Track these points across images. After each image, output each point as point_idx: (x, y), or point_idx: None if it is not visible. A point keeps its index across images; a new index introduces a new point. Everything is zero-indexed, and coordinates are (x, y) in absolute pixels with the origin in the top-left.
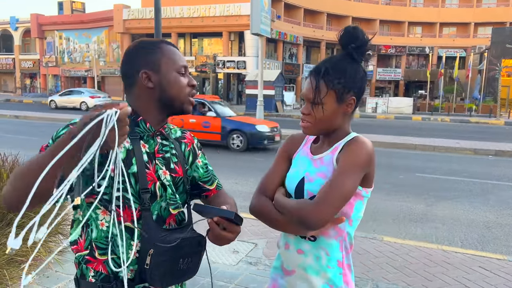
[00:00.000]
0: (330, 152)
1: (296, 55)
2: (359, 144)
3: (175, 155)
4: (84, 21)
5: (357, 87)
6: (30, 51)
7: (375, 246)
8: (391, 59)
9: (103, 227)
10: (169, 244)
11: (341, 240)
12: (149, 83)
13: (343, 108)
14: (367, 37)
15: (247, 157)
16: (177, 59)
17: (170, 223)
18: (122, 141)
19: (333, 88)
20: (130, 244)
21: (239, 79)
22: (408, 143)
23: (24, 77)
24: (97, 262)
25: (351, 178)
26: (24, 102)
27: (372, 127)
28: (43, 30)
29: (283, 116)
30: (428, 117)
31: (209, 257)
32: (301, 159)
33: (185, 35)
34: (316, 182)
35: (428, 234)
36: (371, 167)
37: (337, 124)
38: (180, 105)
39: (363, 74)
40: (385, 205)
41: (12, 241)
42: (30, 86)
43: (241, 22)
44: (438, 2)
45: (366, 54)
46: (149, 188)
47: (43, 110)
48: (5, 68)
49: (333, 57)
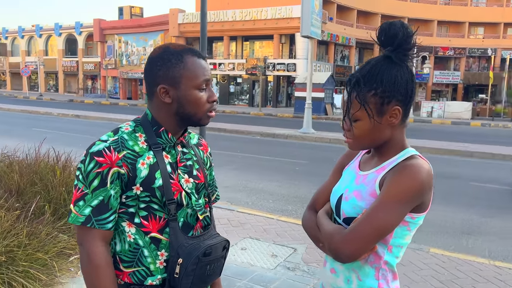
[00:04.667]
0: (376, 171)
1: (348, 57)
2: (412, 170)
3: (197, 161)
4: (142, 25)
5: (401, 94)
6: (92, 54)
7: (420, 257)
8: (449, 61)
9: (130, 239)
10: (198, 253)
11: (377, 267)
12: (166, 97)
13: (386, 120)
14: (410, 31)
15: None
16: (199, 74)
17: (197, 229)
18: None
19: (367, 101)
20: (157, 254)
21: (289, 81)
22: (463, 150)
23: (86, 79)
24: (123, 274)
25: (391, 213)
26: (85, 102)
27: (424, 132)
28: (104, 34)
29: (332, 119)
30: (489, 123)
31: (248, 259)
32: (349, 173)
33: (237, 38)
34: (350, 201)
35: (480, 248)
36: (425, 196)
37: (384, 138)
38: (198, 120)
39: (409, 77)
40: (434, 215)
41: None
42: (91, 87)
43: (292, 25)
44: (502, 1)
45: (409, 53)
46: (175, 198)
47: (102, 110)
48: (69, 70)
49: (369, 62)
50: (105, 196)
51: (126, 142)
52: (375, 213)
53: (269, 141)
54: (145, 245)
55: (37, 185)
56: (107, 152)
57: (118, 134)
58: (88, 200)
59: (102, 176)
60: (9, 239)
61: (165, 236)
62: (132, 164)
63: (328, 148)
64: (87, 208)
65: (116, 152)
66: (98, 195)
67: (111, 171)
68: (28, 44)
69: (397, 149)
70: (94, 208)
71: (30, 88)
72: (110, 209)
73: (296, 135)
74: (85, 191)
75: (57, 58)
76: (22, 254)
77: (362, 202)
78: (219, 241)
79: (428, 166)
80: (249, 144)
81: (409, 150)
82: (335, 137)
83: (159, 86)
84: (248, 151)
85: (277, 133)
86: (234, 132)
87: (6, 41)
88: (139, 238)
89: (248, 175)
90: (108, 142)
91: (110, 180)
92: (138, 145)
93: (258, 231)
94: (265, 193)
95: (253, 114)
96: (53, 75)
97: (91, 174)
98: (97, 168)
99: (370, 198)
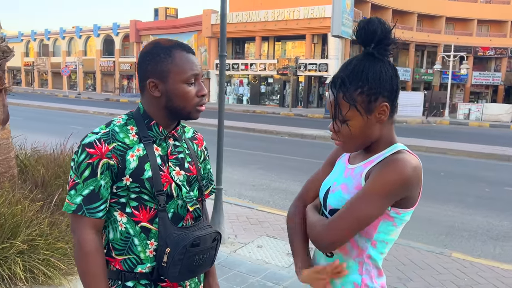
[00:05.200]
0: (364, 164)
1: None
2: (397, 165)
3: (189, 154)
4: (176, 26)
5: (387, 90)
6: (128, 54)
7: (440, 261)
8: (490, 62)
9: (122, 228)
10: (185, 243)
11: (360, 261)
12: (155, 91)
13: (375, 118)
14: (387, 27)
15: None
16: (187, 68)
17: (188, 220)
18: None
19: (355, 101)
20: (146, 243)
21: (320, 81)
22: (500, 154)
23: (122, 78)
24: (115, 261)
25: (371, 204)
26: (120, 101)
27: (458, 135)
28: (140, 35)
29: None
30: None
31: (263, 257)
32: (339, 166)
33: (269, 38)
34: (336, 194)
35: (508, 255)
36: (411, 191)
37: (374, 135)
38: (187, 114)
39: (392, 72)
40: (462, 219)
41: None
42: (127, 87)
43: (324, 25)
44: None
45: (389, 48)
46: (164, 190)
47: None
48: (107, 70)
49: (351, 60)
50: (96, 186)
51: (117, 134)
52: (356, 204)
53: (297, 141)
54: (136, 234)
55: (61, 178)
56: (98, 143)
57: (110, 126)
58: (79, 189)
59: (92, 167)
60: (32, 228)
61: (155, 226)
62: (122, 156)
63: None
64: (78, 197)
65: (106, 144)
66: (89, 184)
67: (101, 162)
68: (69, 44)
69: (386, 144)
70: (85, 197)
71: (70, 87)
72: (100, 198)
73: (325, 135)
74: (76, 181)
75: (95, 58)
76: (43, 243)
77: (348, 195)
78: (208, 232)
79: (415, 161)
80: (277, 144)
81: (398, 145)
82: None
83: (148, 80)
84: (275, 151)
85: (305, 134)
86: (263, 132)
87: (48, 42)
88: (130, 227)
89: (272, 175)
90: (99, 134)
91: (100, 170)
92: (129, 137)
93: (276, 229)
94: (288, 193)
95: (283, 114)
96: (91, 74)
97: (82, 165)
98: (88, 159)
99: (356, 191)
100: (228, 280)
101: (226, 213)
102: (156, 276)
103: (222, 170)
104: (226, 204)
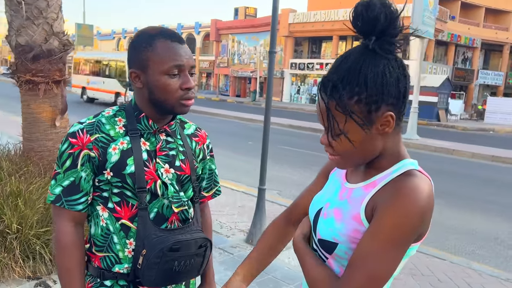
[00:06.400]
0: (364, 187)
1: (471, 60)
2: (409, 198)
3: (183, 152)
4: (254, 25)
5: (392, 96)
6: (208, 52)
7: None
8: None
9: (103, 223)
10: (163, 246)
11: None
12: (138, 82)
13: (377, 130)
14: (394, 11)
15: None
16: (168, 58)
17: (173, 222)
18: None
19: (351, 112)
20: (125, 242)
21: None
22: None
23: (201, 76)
24: (95, 258)
25: (388, 259)
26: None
27: None
28: (219, 34)
29: (445, 126)
30: None
31: (279, 256)
32: (334, 181)
33: (347, 37)
34: (328, 221)
35: None
36: (425, 227)
37: (376, 150)
38: (171, 108)
39: (400, 72)
40: None
41: None
42: (205, 84)
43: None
44: None
45: (396, 41)
46: (148, 187)
47: (210, 105)
48: None
49: (346, 57)
50: (76, 178)
51: (103, 126)
52: (370, 260)
53: None
54: (115, 231)
55: None
56: (80, 134)
57: (97, 117)
58: (59, 179)
59: (73, 157)
60: None
61: (135, 224)
62: (104, 148)
63: (431, 157)
64: (57, 187)
65: (88, 134)
66: (69, 175)
67: (82, 153)
68: None
69: (391, 159)
70: (65, 189)
71: None
72: (81, 191)
73: None
74: (57, 171)
75: None
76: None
77: (341, 225)
78: (194, 237)
79: (428, 187)
80: None
81: (407, 162)
82: (442, 145)
83: (130, 70)
84: None
85: None
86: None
87: None
88: (110, 223)
89: None
90: (84, 125)
91: (80, 162)
92: (115, 129)
93: None
94: None
95: None
96: None
97: (64, 155)
98: (70, 149)
99: (352, 222)
100: (261, 285)
101: (274, 215)
102: (133, 278)
103: (266, 170)
104: (276, 205)
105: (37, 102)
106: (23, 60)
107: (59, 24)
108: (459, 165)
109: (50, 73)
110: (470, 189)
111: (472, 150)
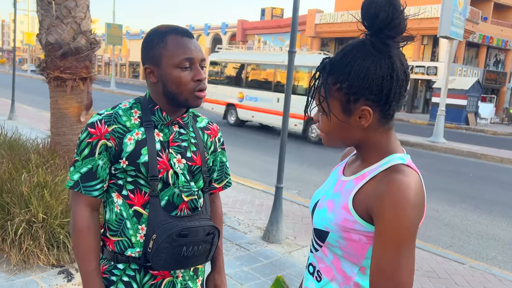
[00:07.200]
0: (355, 179)
1: (503, 62)
2: (403, 191)
3: (195, 144)
4: (281, 26)
5: (372, 92)
6: None
7: None
8: None
9: (117, 209)
10: (172, 232)
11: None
12: (152, 77)
13: (355, 121)
14: (396, 10)
15: None
16: (180, 52)
17: (183, 210)
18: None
19: (331, 96)
20: (137, 228)
21: (428, 86)
22: None
23: None
24: (109, 242)
25: (409, 255)
26: None
27: None
28: (246, 34)
29: (474, 130)
30: None
31: (294, 253)
32: (333, 176)
33: None
34: (321, 211)
35: None
36: (420, 218)
37: (354, 139)
38: (184, 100)
39: (387, 72)
40: None
41: None
42: None
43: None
44: None
45: (393, 40)
46: (160, 176)
47: None
48: None
49: (347, 46)
50: (94, 165)
51: (120, 117)
52: (389, 271)
53: None
54: (128, 217)
55: None
56: (99, 124)
57: (114, 109)
58: (78, 166)
59: (91, 146)
60: None
61: (147, 211)
62: (120, 138)
63: (458, 162)
64: (76, 174)
65: (106, 125)
66: (87, 163)
67: (99, 143)
68: None
69: (380, 154)
70: (83, 175)
71: None
72: (97, 178)
73: (424, 143)
74: (76, 158)
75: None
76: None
77: (332, 214)
78: (201, 225)
79: (414, 182)
80: None
81: (395, 156)
82: (469, 149)
83: (145, 66)
84: None
85: (402, 140)
86: None
87: None
88: (124, 210)
89: None
90: (102, 116)
91: (98, 150)
92: (131, 120)
93: None
94: None
95: None
96: None
97: (83, 143)
98: (88, 138)
99: (341, 212)
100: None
101: (292, 213)
102: (144, 262)
103: (283, 169)
104: (294, 204)
105: (64, 98)
106: (52, 57)
107: (87, 23)
108: (486, 170)
109: (77, 70)
110: (495, 194)
111: (501, 155)
